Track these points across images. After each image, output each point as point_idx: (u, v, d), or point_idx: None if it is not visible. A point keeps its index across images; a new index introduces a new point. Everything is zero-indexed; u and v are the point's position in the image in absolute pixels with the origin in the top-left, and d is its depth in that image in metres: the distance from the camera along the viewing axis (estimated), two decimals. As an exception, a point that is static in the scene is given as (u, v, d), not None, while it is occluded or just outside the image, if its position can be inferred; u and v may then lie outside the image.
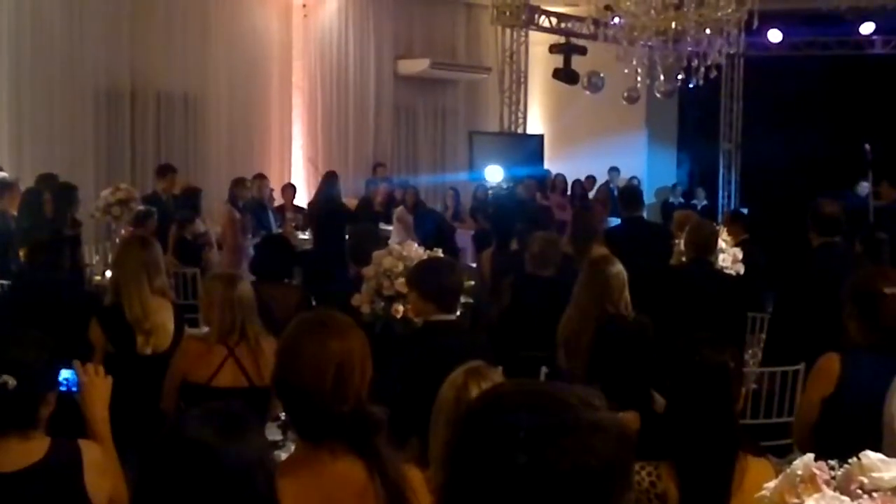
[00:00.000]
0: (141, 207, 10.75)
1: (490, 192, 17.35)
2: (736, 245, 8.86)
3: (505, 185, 17.10)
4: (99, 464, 3.45)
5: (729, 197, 21.02)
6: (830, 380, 4.59)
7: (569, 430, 1.58)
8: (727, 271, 8.31)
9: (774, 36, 18.28)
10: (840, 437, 4.58)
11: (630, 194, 10.40)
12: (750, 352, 7.59)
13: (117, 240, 10.05)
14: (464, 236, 13.64)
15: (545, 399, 1.64)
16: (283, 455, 5.12)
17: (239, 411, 2.43)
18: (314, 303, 7.46)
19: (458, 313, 6.14)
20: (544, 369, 6.66)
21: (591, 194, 18.24)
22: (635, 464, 3.40)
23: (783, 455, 5.68)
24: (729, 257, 8.45)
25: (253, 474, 2.29)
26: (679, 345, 3.64)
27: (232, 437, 2.30)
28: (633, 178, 18.72)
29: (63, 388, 3.65)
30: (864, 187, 16.98)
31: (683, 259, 8.02)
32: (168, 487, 2.27)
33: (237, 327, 5.28)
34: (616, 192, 16.64)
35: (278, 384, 3.02)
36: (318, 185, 13.96)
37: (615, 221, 12.15)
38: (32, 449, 3.38)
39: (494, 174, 17.90)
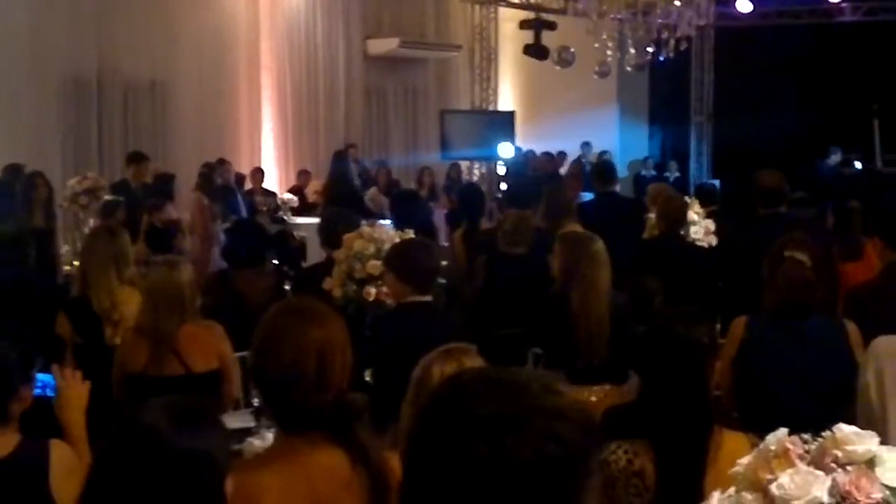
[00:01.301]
0: (109, 197, 10.65)
1: (505, 167, 17.47)
2: (709, 216, 8.85)
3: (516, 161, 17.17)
4: (67, 465, 3.41)
5: (701, 169, 21.04)
6: (734, 343, 4.72)
7: (530, 417, 1.53)
8: (699, 243, 8.31)
9: (744, 6, 18.24)
10: (746, 400, 4.71)
11: (603, 169, 10.39)
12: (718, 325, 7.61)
13: (86, 230, 9.96)
14: (438, 216, 13.58)
15: (506, 386, 1.59)
16: (256, 442, 5.10)
17: (200, 405, 2.41)
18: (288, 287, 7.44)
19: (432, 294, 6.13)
20: (534, 350, 6.62)
21: (562, 170, 18.20)
22: (612, 443, 3.39)
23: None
24: (701, 229, 8.45)
25: (200, 466, 2.27)
26: (654, 322, 3.63)
27: (185, 427, 2.27)
28: (604, 152, 18.72)
29: (39, 392, 3.60)
30: (835, 156, 17.07)
31: (656, 232, 8.03)
32: (116, 473, 2.26)
33: (172, 315, 5.21)
34: (588, 168, 16.62)
35: (257, 373, 2.95)
36: (330, 164, 13.86)
37: (588, 196, 12.10)
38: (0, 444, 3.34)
39: (506, 150, 17.98)
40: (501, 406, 1.54)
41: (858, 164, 17.68)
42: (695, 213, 8.61)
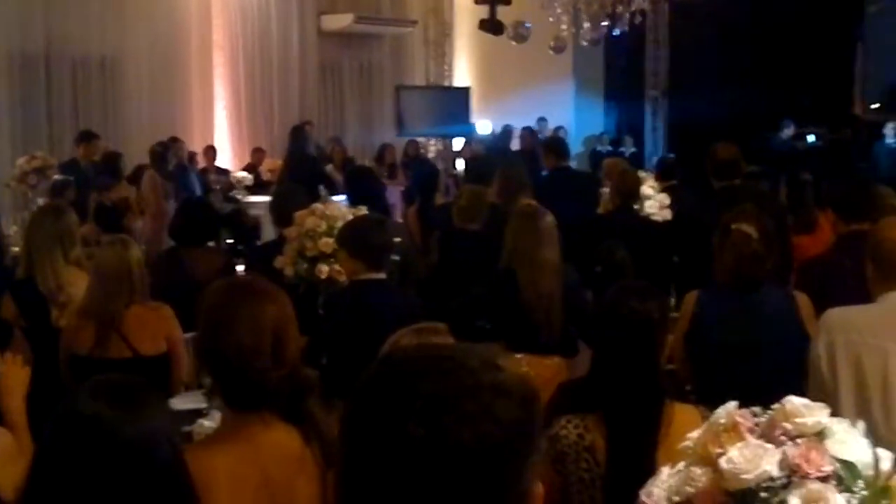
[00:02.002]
0: (58, 177, 10.53)
1: (481, 145, 17.43)
2: (664, 191, 8.88)
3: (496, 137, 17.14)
4: (7, 451, 3.34)
5: (656, 144, 21.10)
6: (686, 318, 4.73)
7: (467, 396, 1.47)
8: (654, 218, 8.33)
9: (698, -20, 18.24)
10: (699, 374, 4.73)
11: (555, 145, 10.38)
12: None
13: (35, 209, 9.84)
14: (395, 193, 13.54)
15: (442, 363, 1.52)
16: (207, 423, 5.05)
17: (135, 383, 2.36)
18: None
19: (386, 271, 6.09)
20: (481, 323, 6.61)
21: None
22: (562, 417, 3.37)
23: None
24: (656, 204, 8.47)
25: (154, 446, 2.23)
26: (606, 296, 3.61)
27: (128, 410, 2.23)
28: (559, 128, 18.72)
29: None
30: (788, 130, 17.17)
31: (611, 207, 8.06)
32: (65, 466, 2.20)
33: (119, 295, 5.14)
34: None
35: (208, 352, 2.88)
36: (288, 140, 13.76)
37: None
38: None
39: (484, 127, 17.96)
40: (437, 384, 1.48)
41: (811, 138, 17.81)
42: (649, 187, 8.64)
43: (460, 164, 17.46)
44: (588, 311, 5.70)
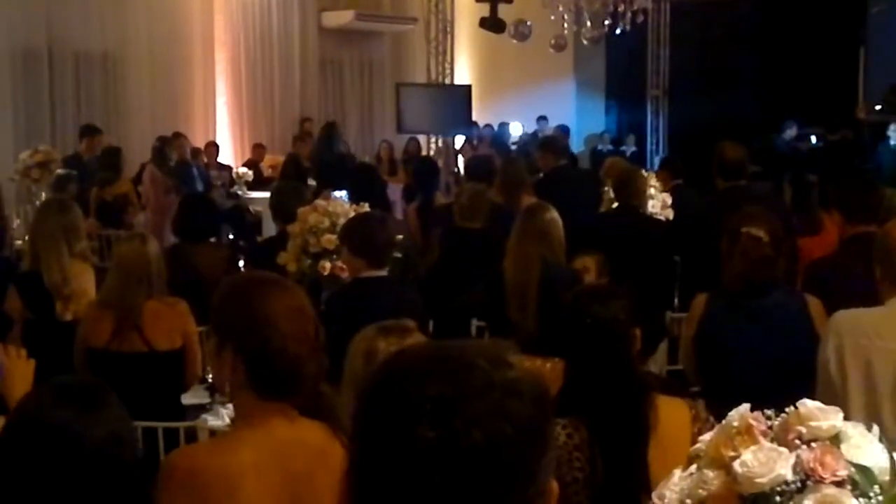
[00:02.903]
0: (61, 171, 10.54)
1: (514, 145, 17.41)
2: (667, 190, 8.87)
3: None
4: None
5: (657, 143, 21.07)
6: (694, 320, 4.71)
7: (477, 396, 1.45)
8: (657, 217, 8.32)
9: (700, -21, 18.27)
10: (709, 379, 4.71)
11: (552, 143, 10.39)
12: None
13: (38, 203, 9.84)
14: (396, 190, 13.53)
15: (450, 363, 1.49)
16: (210, 418, 5.06)
17: (91, 384, 2.33)
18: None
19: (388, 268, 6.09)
20: (475, 322, 6.61)
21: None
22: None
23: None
24: (658, 203, 8.47)
25: (117, 447, 2.21)
26: (568, 302, 3.58)
27: (90, 413, 2.21)
28: (559, 126, 18.73)
29: None
30: (791, 131, 17.15)
31: (613, 206, 8.05)
32: (30, 472, 2.19)
33: (139, 289, 5.15)
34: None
35: (249, 342, 2.69)
36: (318, 136, 13.73)
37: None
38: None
39: (515, 128, 18.01)
40: (446, 386, 1.45)
41: (814, 139, 17.79)
42: (652, 186, 8.63)
43: (461, 162, 17.46)
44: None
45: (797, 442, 1.96)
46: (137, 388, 5.03)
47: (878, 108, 18.94)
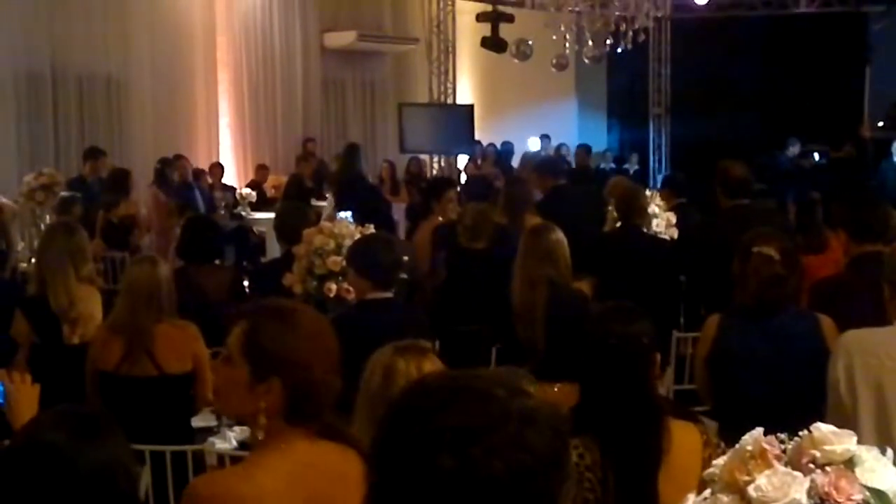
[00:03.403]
0: (65, 193, 10.54)
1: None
2: (671, 209, 8.88)
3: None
4: None
5: (660, 161, 21.10)
6: (708, 341, 4.70)
7: (497, 426, 1.47)
8: (661, 236, 8.32)
9: (700, -2, 18.28)
10: (722, 399, 4.70)
11: (549, 164, 10.41)
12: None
13: (42, 226, 9.84)
14: (399, 210, 13.54)
15: (469, 393, 1.52)
16: (218, 442, 5.06)
17: (94, 412, 2.34)
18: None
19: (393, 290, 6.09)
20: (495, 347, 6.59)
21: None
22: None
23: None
24: (662, 222, 8.47)
25: (112, 475, 2.21)
26: (589, 321, 3.56)
27: (86, 439, 2.21)
28: (561, 145, 18.76)
29: None
30: (794, 148, 17.14)
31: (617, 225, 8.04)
32: (23, 493, 2.19)
33: (149, 312, 5.15)
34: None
35: (286, 366, 2.69)
36: (342, 157, 13.74)
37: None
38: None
39: (534, 144, 18.06)
40: (464, 416, 1.47)
41: (817, 156, 17.80)
42: (656, 205, 8.63)
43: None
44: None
45: (811, 466, 1.96)
46: (148, 412, 5.07)
47: (880, 124, 18.97)
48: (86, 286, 5.81)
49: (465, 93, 20.85)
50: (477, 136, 19.02)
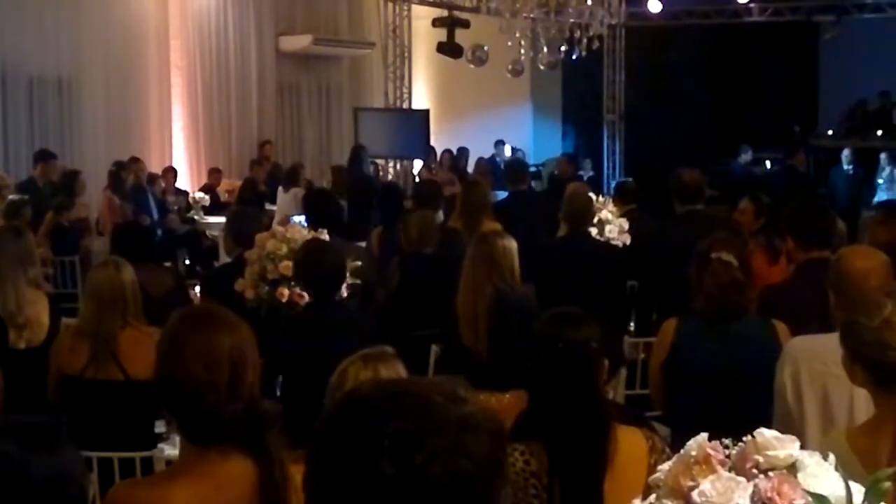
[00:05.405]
0: (14, 196, 10.43)
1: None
2: (623, 215, 8.89)
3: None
4: None
5: (614, 168, 21.20)
6: (665, 346, 4.71)
7: (435, 432, 1.47)
8: (614, 242, 8.33)
9: (654, 6, 18.39)
10: (678, 403, 4.72)
11: (515, 168, 10.40)
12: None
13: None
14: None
15: (408, 400, 1.52)
16: (168, 448, 5.01)
17: (45, 422, 2.32)
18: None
19: (345, 295, 6.08)
20: (435, 348, 6.59)
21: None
22: (509, 445, 3.33)
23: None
24: (615, 228, 8.48)
25: (63, 486, 2.19)
26: (539, 325, 3.56)
27: (38, 448, 2.19)
28: (517, 150, 18.80)
29: None
30: (746, 155, 17.30)
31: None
32: None
33: (114, 316, 5.11)
34: (502, 166, 16.67)
35: (163, 384, 2.79)
36: (348, 159, 13.67)
37: (502, 195, 12.11)
38: None
39: (506, 150, 18.19)
40: (405, 422, 1.48)
41: (769, 163, 17.95)
42: (609, 211, 8.64)
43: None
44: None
45: (755, 471, 1.97)
46: (112, 416, 5.04)
47: (830, 133, 19.18)
48: (33, 290, 5.76)
49: (421, 98, 20.85)
50: (433, 142, 19.01)
